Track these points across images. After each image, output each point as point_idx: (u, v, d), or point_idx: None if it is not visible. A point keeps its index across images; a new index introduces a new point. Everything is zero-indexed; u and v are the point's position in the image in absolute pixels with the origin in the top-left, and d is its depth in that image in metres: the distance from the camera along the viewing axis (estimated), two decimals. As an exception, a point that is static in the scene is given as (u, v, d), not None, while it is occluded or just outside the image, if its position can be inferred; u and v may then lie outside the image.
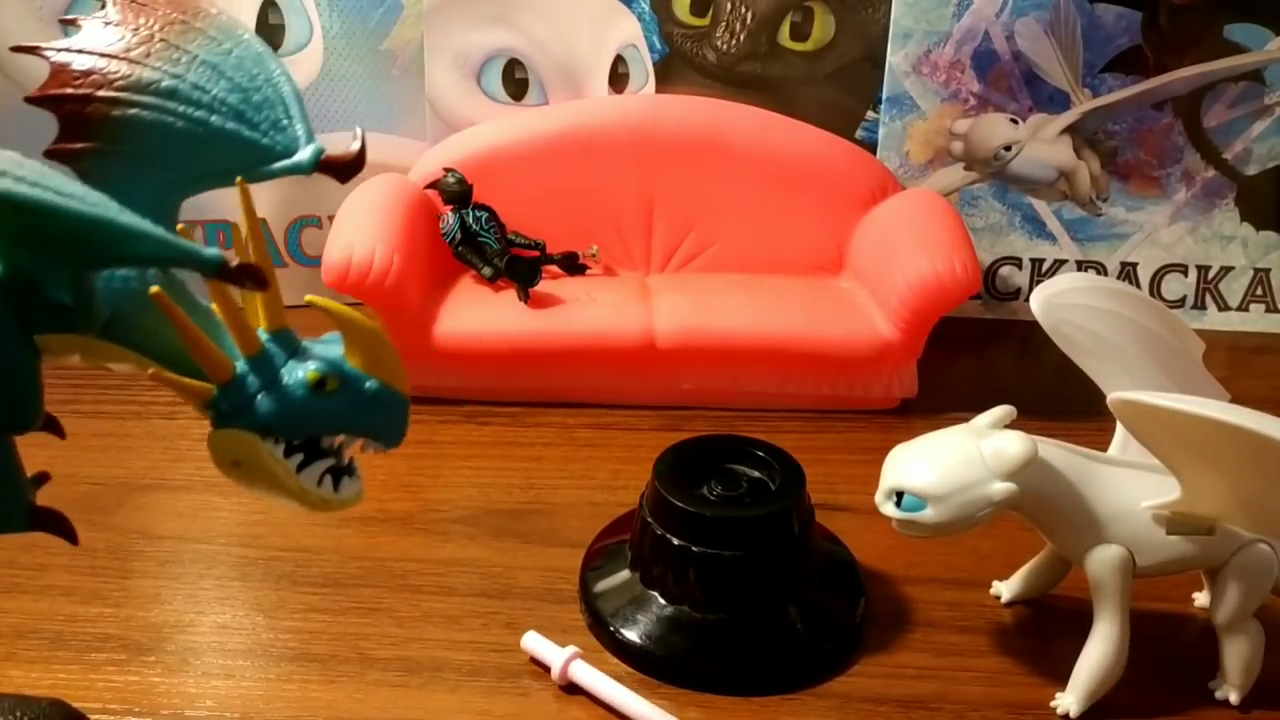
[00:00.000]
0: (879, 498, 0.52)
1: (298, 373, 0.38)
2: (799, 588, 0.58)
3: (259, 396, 0.38)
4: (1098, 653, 0.53)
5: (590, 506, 0.68)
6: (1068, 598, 0.60)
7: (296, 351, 0.39)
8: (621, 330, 0.78)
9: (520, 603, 0.61)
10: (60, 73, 0.39)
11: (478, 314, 0.80)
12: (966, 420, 0.54)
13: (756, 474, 0.61)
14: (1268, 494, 0.47)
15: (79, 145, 0.39)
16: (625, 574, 0.59)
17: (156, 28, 0.39)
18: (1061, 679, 0.54)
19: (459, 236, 0.83)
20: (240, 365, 0.38)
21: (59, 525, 0.41)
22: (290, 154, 0.39)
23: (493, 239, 0.84)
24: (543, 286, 0.81)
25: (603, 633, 0.58)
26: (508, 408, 0.79)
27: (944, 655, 0.58)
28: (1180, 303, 0.96)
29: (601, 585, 0.60)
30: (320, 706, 0.54)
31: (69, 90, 0.38)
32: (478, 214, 0.84)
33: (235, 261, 0.33)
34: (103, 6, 0.40)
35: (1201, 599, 0.61)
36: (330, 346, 0.40)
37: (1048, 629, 0.60)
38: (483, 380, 0.79)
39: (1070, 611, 0.59)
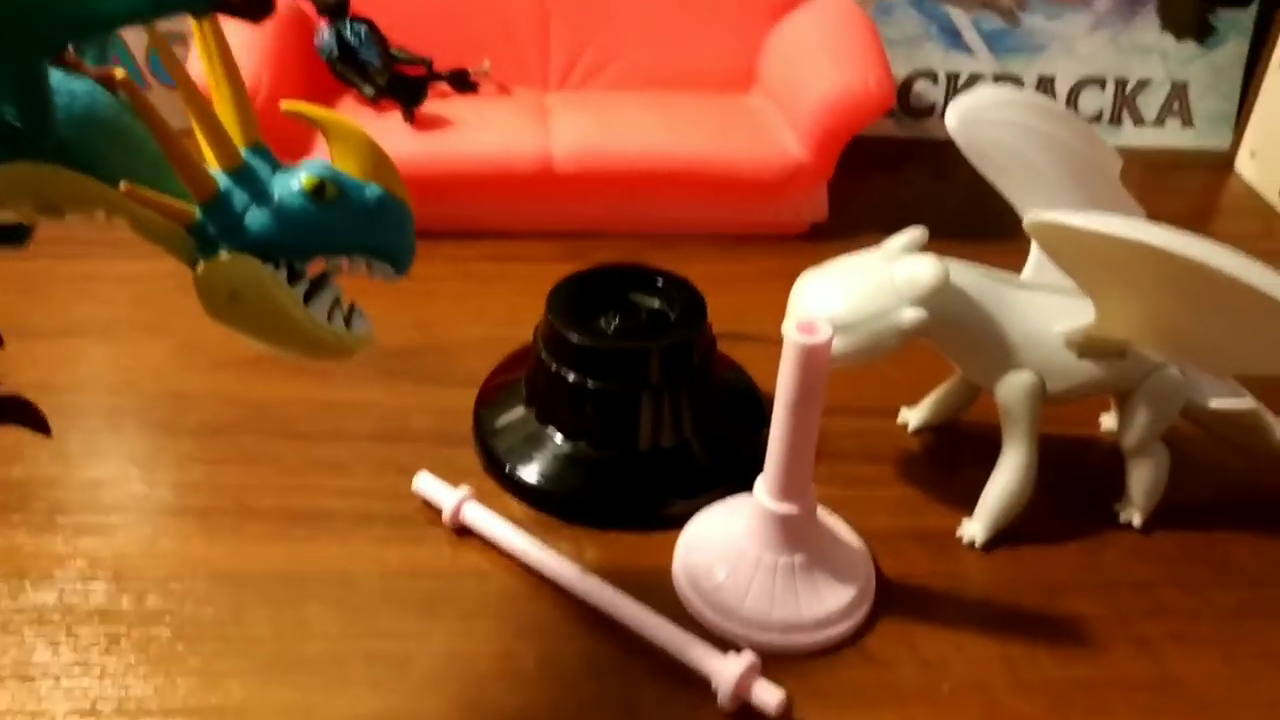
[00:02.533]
0: (786, 326, 0.50)
1: (290, 182, 0.33)
2: (700, 421, 0.55)
3: (250, 210, 0.33)
4: (1005, 480, 0.52)
5: (486, 343, 0.64)
6: (976, 424, 0.59)
7: (278, 167, 0.34)
8: (517, 153, 0.73)
9: (413, 446, 0.58)
10: None
11: (360, 138, 0.74)
12: (878, 244, 0.51)
13: (657, 304, 0.58)
14: (1183, 316, 0.46)
15: None
16: (521, 411, 0.57)
17: None
18: (969, 506, 0.54)
19: (336, 53, 0.77)
20: (223, 180, 0.33)
21: (29, 416, 0.37)
22: None
23: (374, 55, 0.77)
24: (429, 106, 0.75)
25: (499, 473, 0.55)
26: (397, 239, 0.74)
27: (850, 485, 0.56)
28: (1097, 118, 0.93)
29: (497, 424, 0.57)
30: (200, 561, 0.51)
31: None
32: (356, 28, 0.77)
33: None
34: None
35: (1108, 422, 0.60)
36: (317, 160, 0.35)
37: (955, 456, 0.59)
38: (369, 210, 0.74)
39: (978, 438, 0.58)
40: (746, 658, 0.44)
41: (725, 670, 0.44)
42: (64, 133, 0.32)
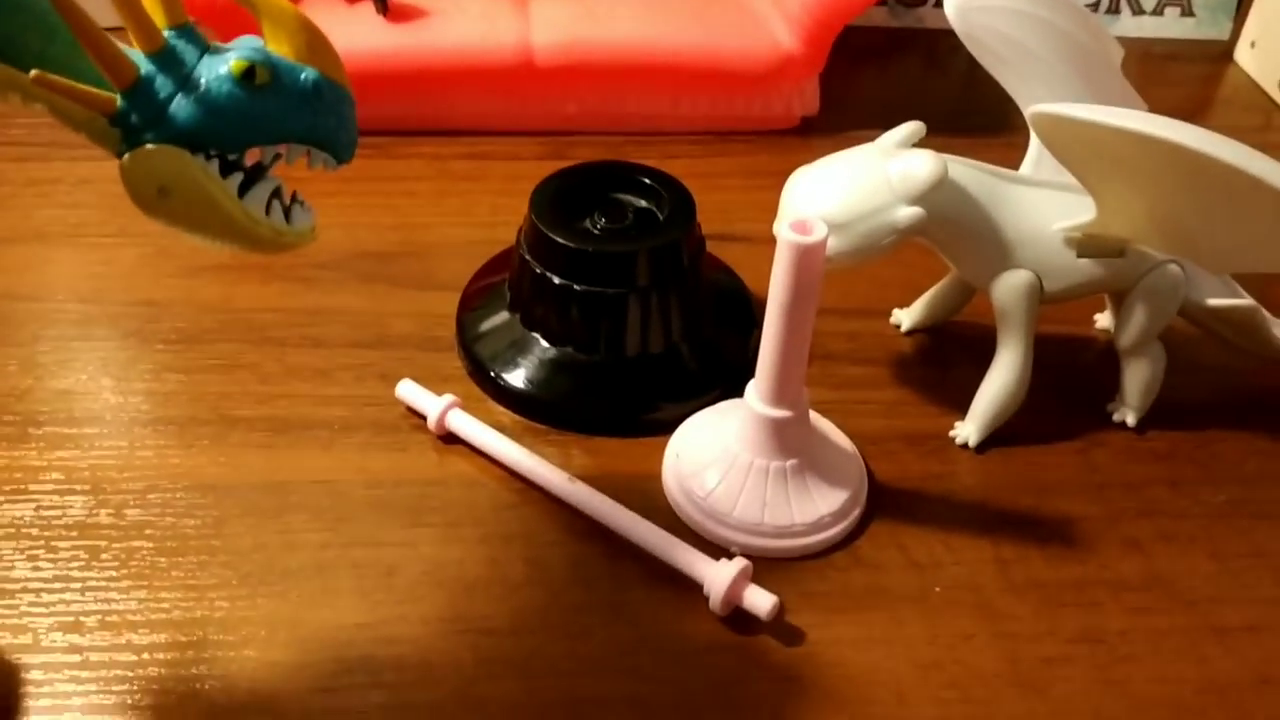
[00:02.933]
0: (777, 225, 0.48)
1: (218, 66, 0.31)
2: (689, 324, 0.54)
3: (176, 98, 0.31)
4: (999, 381, 0.51)
5: (467, 245, 0.63)
6: (970, 324, 0.58)
7: (208, 49, 0.32)
8: (495, 46, 0.70)
9: (394, 352, 0.56)
10: None
11: (330, 30, 0.68)
12: (871, 139, 0.49)
13: (644, 204, 0.56)
14: (1186, 212, 0.44)
15: None
16: (505, 316, 0.55)
17: None
18: (962, 408, 0.53)
19: (303, -61, 0.73)
20: (145, 65, 0.31)
21: None
22: None
23: (343, -59, 0.73)
24: (402, -5, 0.72)
25: (483, 379, 0.54)
26: (372, 137, 0.71)
27: (841, 388, 0.56)
28: (1095, 6, 0.90)
29: (480, 329, 0.56)
30: (180, 473, 0.50)
31: None
32: (323, -89, 0.73)
33: None
34: None
35: (1103, 321, 0.59)
36: (251, 40, 0.32)
37: (948, 357, 0.58)
38: (342, 107, 0.71)
39: (972, 339, 0.57)
40: (738, 563, 0.44)
41: (717, 576, 0.44)
42: None
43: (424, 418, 0.52)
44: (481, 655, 0.43)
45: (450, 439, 0.52)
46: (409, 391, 0.52)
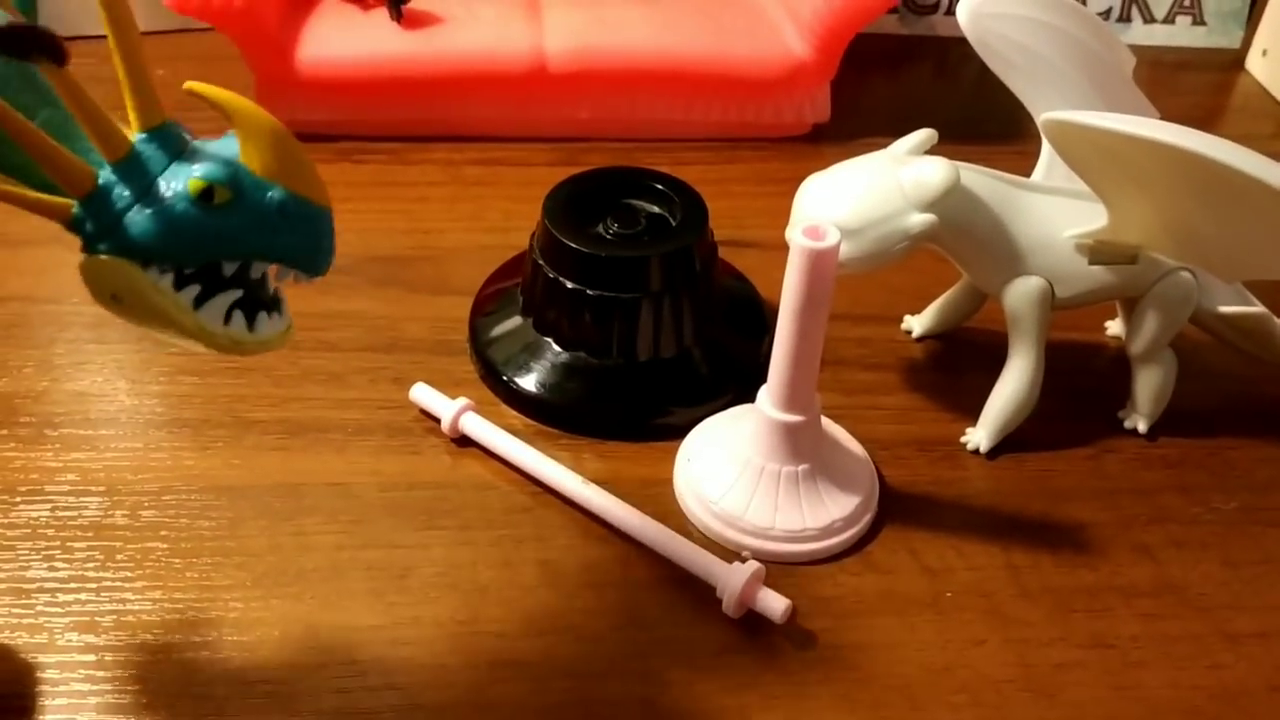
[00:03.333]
0: (789, 232, 0.49)
1: (176, 182, 0.30)
2: (701, 329, 0.54)
3: (133, 210, 0.30)
4: (1011, 388, 0.51)
5: (480, 250, 0.63)
6: (981, 331, 0.58)
7: (182, 153, 0.31)
8: (508, 52, 0.71)
9: (408, 356, 0.57)
10: None
11: (345, 36, 0.71)
12: (883, 146, 0.50)
13: (656, 209, 0.56)
14: (1198, 218, 0.44)
15: None
16: (517, 320, 0.56)
17: None
18: (973, 414, 0.53)
19: (318, -54, 0.73)
20: (105, 174, 0.31)
21: (36, 42, 0.29)
22: None
23: (358, -51, 0.74)
24: (418, 3, 0.72)
25: (496, 383, 0.54)
26: (387, 143, 0.72)
27: (853, 394, 0.56)
28: (1106, 14, 0.90)
29: (493, 333, 0.56)
30: (194, 475, 0.50)
31: None
32: (338, -81, 0.74)
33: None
34: None
35: (1114, 327, 0.59)
36: (228, 145, 0.31)
37: (960, 364, 0.58)
38: (356, 112, 0.72)
39: (983, 345, 0.57)
40: (751, 566, 0.44)
41: (730, 578, 0.44)
42: None
43: (438, 421, 0.52)
44: (494, 657, 0.43)
45: (463, 442, 0.52)
46: (423, 395, 0.53)
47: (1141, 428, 0.54)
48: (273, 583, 0.45)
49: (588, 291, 0.52)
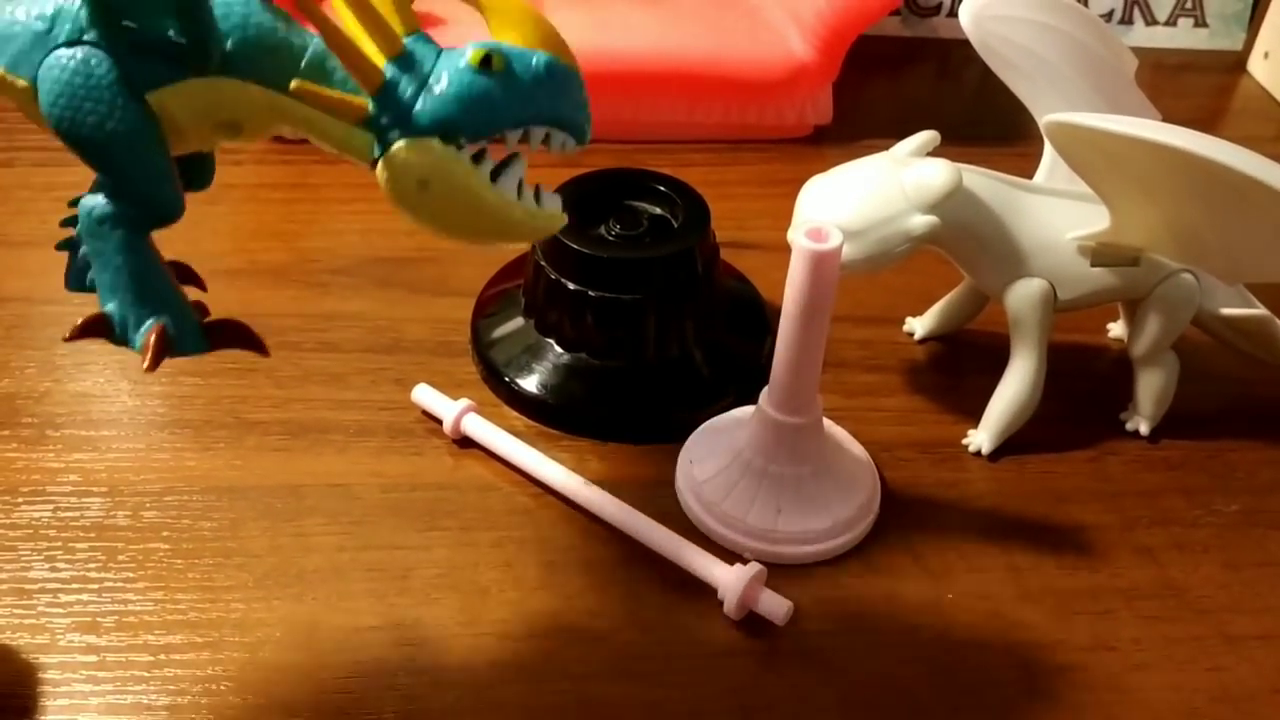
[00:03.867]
0: (791, 234, 0.48)
1: (456, 60, 0.33)
2: (703, 331, 0.54)
3: (422, 94, 0.32)
4: (1013, 390, 0.51)
5: (481, 252, 0.63)
6: (983, 333, 0.58)
7: (440, 52, 0.33)
8: (510, 55, 0.71)
9: (409, 357, 0.57)
10: None
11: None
12: (884, 148, 0.50)
13: (658, 211, 0.56)
14: (1201, 221, 0.44)
15: None
16: (519, 322, 0.56)
17: None
18: (975, 416, 0.53)
19: (321, -53, 0.73)
20: (389, 69, 0.33)
21: (241, 337, 0.36)
22: None
23: (360, -50, 0.74)
24: (420, 4, 0.72)
25: (498, 384, 0.54)
26: (389, 145, 0.72)
27: (854, 395, 0.56)
28: (1108, 16, 0.90)
29: (495, 335, 0.56)
30: (196, 476, 0.50)
31: None
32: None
33: None
34: None
35: (1116, 329, 0.59)
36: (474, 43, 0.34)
37: (961, 365, 0.58)
38: (358, 114, 0.72)
39: (985, 347, 0.57)
40: (752, 568, 0.44)
41: (732, 580, 0.44)
42: (229, 43, 0.32)
43: (440, 422, 0.52)
44: (495, 658, 0.43)
45: (464, 444, 0.52)
46: (425, 396, 0.53)
47: (1143, 430, 0.54)
48: (274, 583, 0.45)
49: (590, 293, 0.52)
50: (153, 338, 0.34)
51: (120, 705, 0.41)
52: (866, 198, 0.47)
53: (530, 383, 0.54)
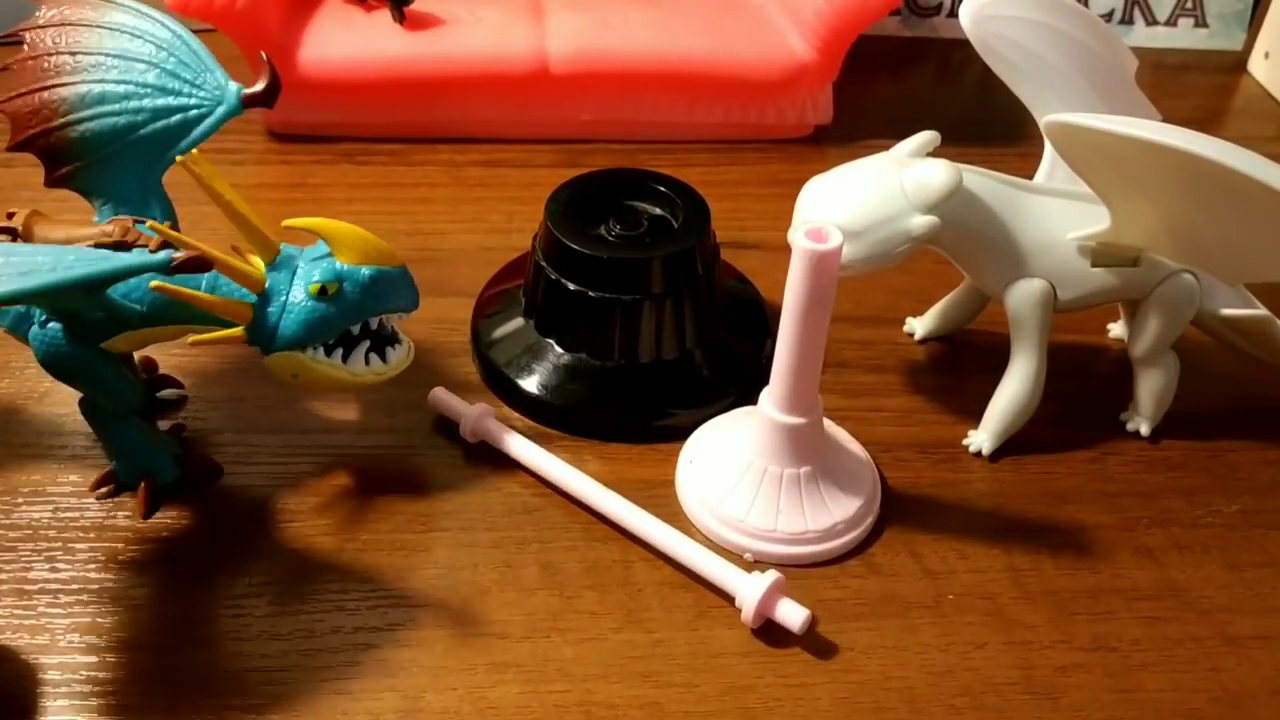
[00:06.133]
0: (791, 234, 0.48)
1: (299, 292, 0.43)
2: (703, 331, 0.54)
3: (281, 323, 0.43)
4: (1013, 390, 0.51)
5: (482, 252, 0.63)
6: (983, 333, 0.58)
7: (295, 271, 0.44)
8: (511, 54, 0.71)
9: (409, 357, 0.57)
10: (15, 119, 0.46)
11: (347, 38, 0.71)
12: (885, 148, 0.50)
13: (659, 211, 0.56)
14: (1200, 220, 0.44)
15: (64, 170, 0.46)
16: (519, 322, 0.56)
17: (62, 42, 0.45)
18: (975, 416, 0.53)
19: (321, -53, 0.73)
20: (256, 304, 0.43)
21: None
22: (217, 104, 0.45)
23: (361, -50, 0.74)
24: (420, 4, 0.72)
25: (498, 385, 0.54)
26: (388, 144, 0.72)
27: (855, 396, 0.56)
28: (1108, 16, 0.90)
29: (495, 335, 0.56)
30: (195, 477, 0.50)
31: (31, 131, 0.46)
32: (341, -79, 0.74)
33: (177, 256, 0.40)
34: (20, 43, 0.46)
35: (1117, 330, 0.59)
36: (319, 249, 0.44)
37: (962, 366, 0.58)
38: (358, 114, 0.72)
39: (985, 348, 0.57)
40: (770, 576, 0.44)
41: (750, 588, 0.44)
42: (142, 307, 0.44)
43: (439, 423, 0.52)
44: (495, 658, 0.43)
45: (466, 445, 0.52)
46: (443, 398, 0.53)
47: (1144, 430, 0.54)
48: (274, 583, 0.45)
49: (590, 293, 0.52)
50: (141, 493, 0.48)
51: (120, 706, 0.41)
52: (867, 198, 0.47)
53: (530, 383, 0.54)
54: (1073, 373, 0.57)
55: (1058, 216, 0.49)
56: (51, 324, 0.44)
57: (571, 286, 0.53)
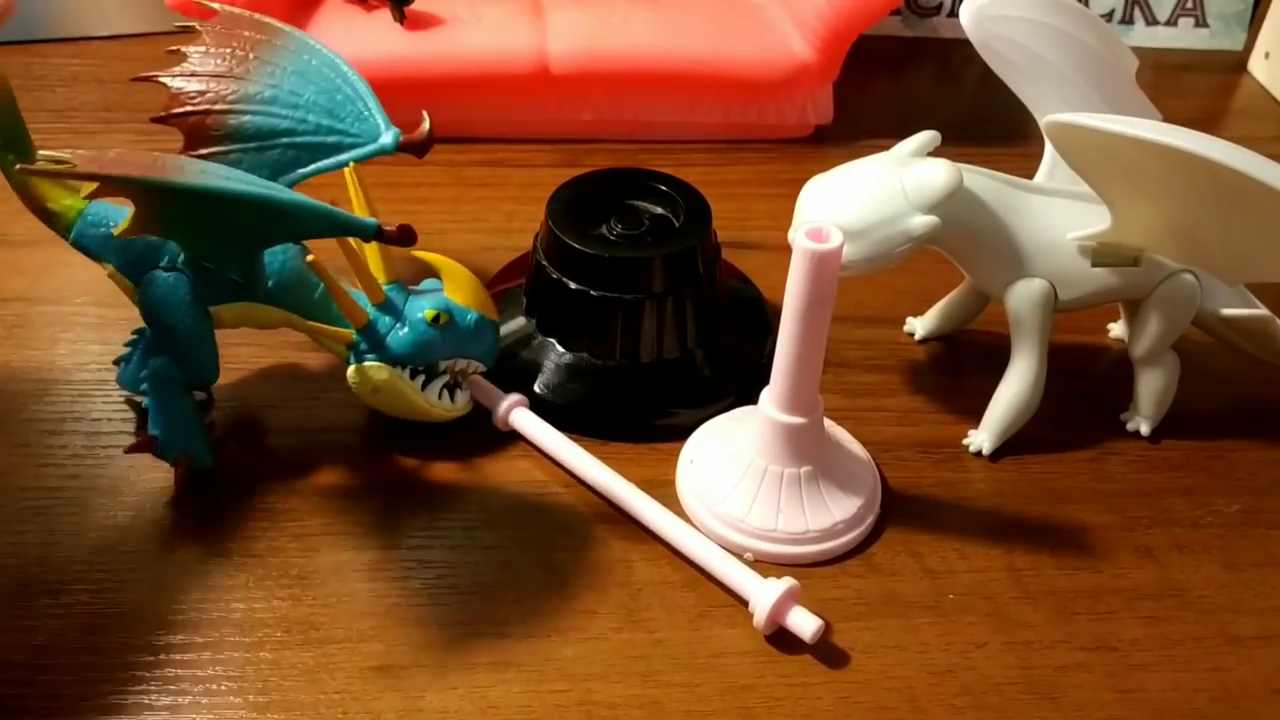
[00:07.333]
0: (792, 234, 0.48)
1: (417, 313, 0.48)
2: (703, 331, 0.54)
3: (390, 335, 0.47)
4: (1013, 390, 0.51)
5: (483, 252, 0.63)
6: (984, 333, 0.58)
7: (408, 295, 0.48)
8: (512, 54, 0.71)
9: (410, 356, 0.57)
10: (178, 95, 0.47)
11: (348, 37, 0.71)
12: (885, 148, 0.50)
13: (660, 210, 0.56)
14: (1201, 220, 0.44)
15: (203, 151, 0.47)
16: (520, 321, 0.56)
17: (249, 49, 0.48)
18: (975, 416, 0.53)
19: (322, -53, 0.73)
20: (372, 312, 0.48)
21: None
22: (374, 139, 0.47)
23: (361, -50, 0.74)
24: (420, 4, 0.72)
25: (499, 384, 0.54)
26: (389, 144, 0.72)
27: (855, 395, 0.56)
28: (1109, 16, 0.90)
29: (496, 335, 0.56)
30: (197, 475, 0.50)
31: (189, 109, 0.47)
32: (342, -80, 0.74)
33: (388, 226, 0.42)
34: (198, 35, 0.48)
35: (1117, 330, 0.59)
36: (432, 285, 0.49)
37: (962, 366, 0.58)
38: (359, 114, 0.72)
39: (986, 347, 0.57)
40: (785, 582, 0.44)
41: (763, 594, 0.44)
42: (270, 282, 0.47)
43: (457, 424, 0.52)
44: (495, 658, 0.43)
45: (466, 444, 0.52)
46: (477, 383, 0.53)
47: (1144, 430, 0.54)
48: (274, 583, 0.45)
49: (591, 293, 0.52)
50: (181, 469, 0.49)
51: (120, 706, 0.41)
52: (867, 198, 0.47)
53: (531, 382, 0.53)
54: (1073, 373, 0.57)
55: (1058, 216, 0.49)
56: (177, 272, 0.46)
57: (573, 286, 0.53)
